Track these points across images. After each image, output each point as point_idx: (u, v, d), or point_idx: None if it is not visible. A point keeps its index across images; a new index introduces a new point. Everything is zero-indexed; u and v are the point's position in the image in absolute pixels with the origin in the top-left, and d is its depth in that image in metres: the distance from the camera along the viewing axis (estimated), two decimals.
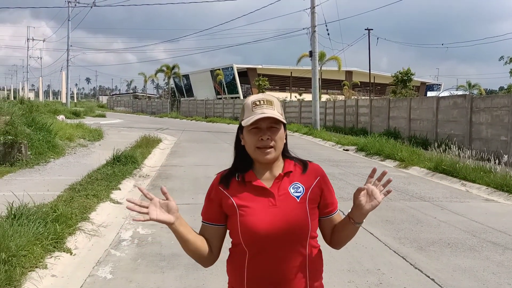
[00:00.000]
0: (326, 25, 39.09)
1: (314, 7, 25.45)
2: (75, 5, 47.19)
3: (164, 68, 60.02)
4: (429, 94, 53.21)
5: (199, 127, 31.73)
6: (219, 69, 54.28)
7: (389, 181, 1.68)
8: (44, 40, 78.50)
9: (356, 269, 4.58)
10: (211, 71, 57.30)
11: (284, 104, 36.65)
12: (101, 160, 10.64)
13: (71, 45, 51.42)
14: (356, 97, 38.96)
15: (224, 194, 1.72)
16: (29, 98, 49.12)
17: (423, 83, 62.55)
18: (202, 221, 1.78)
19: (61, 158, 11.71)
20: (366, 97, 36.80)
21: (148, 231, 5.86)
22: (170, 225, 1.63)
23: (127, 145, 13.88)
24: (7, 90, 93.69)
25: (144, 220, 1.57)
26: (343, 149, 17.45)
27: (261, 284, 1.68)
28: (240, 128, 1.75)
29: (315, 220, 1.73)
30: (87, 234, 5.46)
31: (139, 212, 1.58)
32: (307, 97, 41.24)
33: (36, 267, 4.22)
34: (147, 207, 1.59)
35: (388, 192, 1.68)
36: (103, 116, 42.19)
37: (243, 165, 1.75)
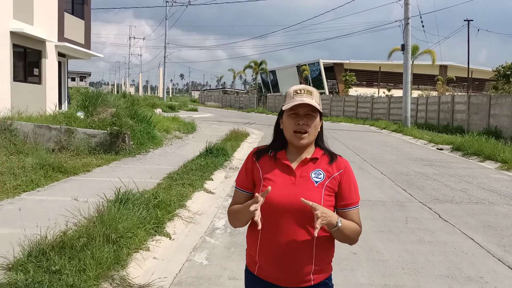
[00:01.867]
0: (420, 17, 37.33)
1: None
2: (172, 4, 49.93)
3: (252, 64, 61.18)
4: None
5: None
6: (305, 65, 53.98)
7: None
8: (144, 39, 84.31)
9: (455, 275, 4.33)
10: (297, 66, 57.19)
11: (372, 100, 35.49)
12: (195, 151, 11.15)
13: (168, 43, 54.41)
14: (451, 93, 36.58)
15: (255, 165, 1.95)
16: (130, 92, 53.04)
17: None
18: (235, 187, 2.01)
19: (159, 149, 12.47)
20: (463, 93, 34.36)
21: None
22: None
23: (218, 138, 14.42)
24: (111, 85, 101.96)
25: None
26: (437, 148, 16.52)
27: (271, 254, 1.85)
28: (281, 114, 1.96)
29: (330, 207, 1.84)
30: (184, 220, 5.77)
31: None
32: (396, 93, 39.54)
33: (140, 249, 4.51)
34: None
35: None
36: (195, 110, 44.17)
37: (279, 145, 1.96)
